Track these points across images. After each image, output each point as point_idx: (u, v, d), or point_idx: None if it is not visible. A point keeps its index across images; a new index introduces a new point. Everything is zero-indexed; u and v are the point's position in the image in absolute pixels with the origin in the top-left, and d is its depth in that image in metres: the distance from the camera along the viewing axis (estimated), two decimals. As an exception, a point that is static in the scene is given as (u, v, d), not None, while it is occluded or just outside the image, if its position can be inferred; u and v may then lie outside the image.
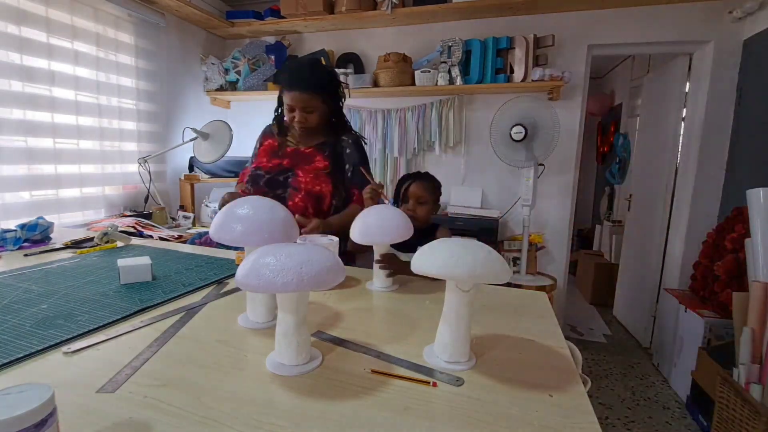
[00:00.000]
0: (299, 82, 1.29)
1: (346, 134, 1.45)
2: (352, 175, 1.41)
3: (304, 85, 1.29)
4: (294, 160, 1.38)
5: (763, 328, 1.42)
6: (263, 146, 1.45)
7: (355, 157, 1.42)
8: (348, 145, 1.42)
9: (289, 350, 0.63)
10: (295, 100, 1.30)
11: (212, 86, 2.84)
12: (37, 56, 1.83)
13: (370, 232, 0.97)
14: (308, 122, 1.33)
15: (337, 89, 1.38)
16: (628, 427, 1.94)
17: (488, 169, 2.65)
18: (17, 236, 1.31)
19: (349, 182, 1.41)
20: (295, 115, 1.32)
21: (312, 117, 1.33)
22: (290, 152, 1.40)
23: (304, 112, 1.31)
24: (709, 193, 2.34)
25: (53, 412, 0.41)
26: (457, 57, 2.39)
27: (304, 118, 1.32)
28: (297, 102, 1.30)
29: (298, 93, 1.29)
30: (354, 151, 1.42)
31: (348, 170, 1.41)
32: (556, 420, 0.53)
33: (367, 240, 0.98)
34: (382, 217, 0.98)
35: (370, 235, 0.97)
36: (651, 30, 2.30)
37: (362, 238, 0.98)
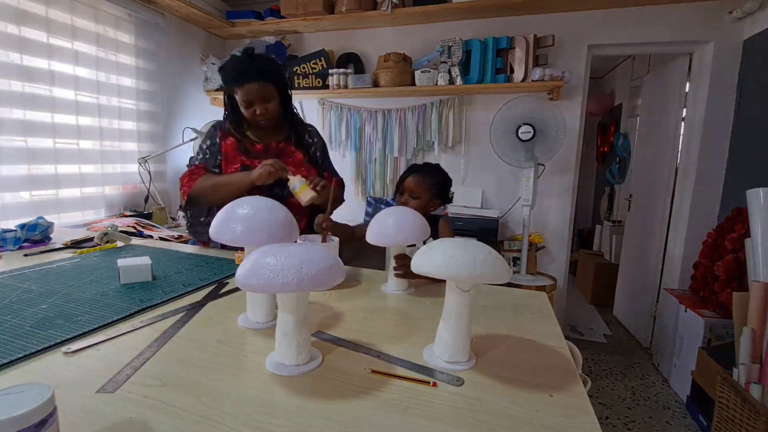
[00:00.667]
0: (248, 72, 1.26)
1: (303, 124, 1.48)
2: (322, 162, 1.48)
3: (255, 74, 1.26)
4: (276, 156, 1.36)
5: (763, 328, 1.42)
6: (227, 144, 1.38)
7: (320, 143, 1.48)
8: (312, 134, 1.48)
9: (289, 350, 0.63)
10: (251, 93, 1.27)
11: (212, 86, 2.84)
12: (37, 56, 1.83)
13: (385, 233, 0.96)
14: (269, 112, 1.31)
15: (283, 75, 1.36)
16: (628, 427, 1.94)
17: (488, 169, 2.65)
18: (17, 236, 1.31)
19: (322, 168, 1.47)
20: (255, 108, 1.29)
21: (271, 106, 1.31)
22: (263, 149, 1.37)
23: (263, 103, 1.29)
24: (709, 193, 2.34)
25: (53, 412, 0.41)
26: (457, 57, 2.39)
27: (264, 108, 1.29)
28: (254, 94, 1.27)
29: (253, 84, 1.26)
30: (319, 139, 1.49)
31: (317, 155, 1.46)
32: (556, 420, 0.53)
33: (383, 241, 0.96)
34: (398, 218, 0.97)
35: (385, 236, 0.96)
36: (651, 30, 2.30)
37: (378, 239, 0.96)
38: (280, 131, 1.42)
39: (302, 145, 1.43)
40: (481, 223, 2.45)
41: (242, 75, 1.27)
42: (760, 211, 1.56)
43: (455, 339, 0.66)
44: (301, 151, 1.42)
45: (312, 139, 1.46)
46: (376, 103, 2.77)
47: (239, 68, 1.28)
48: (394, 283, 1.03)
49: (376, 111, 2.76)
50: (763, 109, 2.02)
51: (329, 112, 2.87)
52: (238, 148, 1.37)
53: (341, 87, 2.60)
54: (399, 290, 1.02)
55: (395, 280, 1.02)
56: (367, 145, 2.82)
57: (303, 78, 2.74)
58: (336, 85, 2.61)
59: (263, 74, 1.27)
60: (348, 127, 2.83)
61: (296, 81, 2.75)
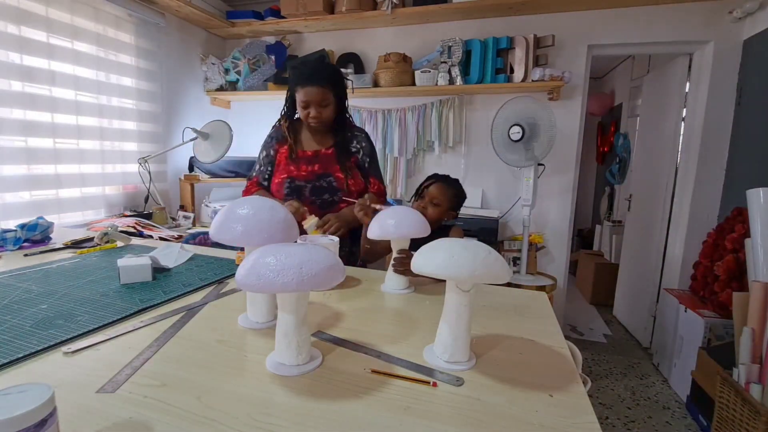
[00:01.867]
0: (314, 77, 1.31)
1: (353, 129, 1.49)
2: (368, 166, 1.48)
3: (319, 79, 1.31)
4: (324, 163, 1.41)
5: (763, 328, 1.42)
6: (281, 153, 1.45)
7: (368, 148, 1.48)
8: (362, 138, 1.48)
9: (289, 350, 0.63)
10: (311, 95, 1.32)
11: (212, 86, 2.84)
12: (37, 56, 1.83)
13: (386, 226, 0.98)
14: (323, 117, 1.35)
15: (344, 85, 1.41)
16: (628, 427, 1.94)
17: (488, 169, 2.65)
18: (17, 236, 1.31)
19: (367, 172, 1.48)
20: (310, 111, 1.34)
21: (326, 111, 1.35)
22: (312, 156, 1.42)
23: (319, 107, 1.33)
24: (709, 193, 2.34)
25: (53, 412, 0.41)
26: (457, 57, 2.39)
27: (319, 113, 1.33)
28: (313, 96, 1.32)
29: (314, 88, 1.31)
30: (368, 144, 1.49)
31: (365, 161, 1.47)
32: (556, 420, 0.53)
33: (385, 234, 0.98)
34: (398, 214, 1.00)
35: (386, 230, 0.98)
36: (651, 30, 2.30)
37: (380, 233, 0.99)
38: (329, 137, 1.45)
39: (348, 152, 1.45)
40: (481, 223, 2.45)
41: (309, 77, 1.31)
42: (760, 211, 1.56)
43: (455, 339, 0.66)
44: (348, 156, 1.44)
45: (360, 144, 1.47)
46: (376, 103, 2.77)
47: (308, 70, 1.33)
48: (393, 281, 1.03)
49: (376, 111, 2.76)
50: (763, 109, 2.02)
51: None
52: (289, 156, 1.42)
53: (341, 87, 2.59)
54: (398, 289, 1.02)
55: (394, 279, 1.03)
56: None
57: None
58: (336, 85, 2.60)
59: (327, 80, 1.32)
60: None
61: (296, 81, 2.75)
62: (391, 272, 1.03)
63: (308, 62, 1.36)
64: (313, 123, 1.36)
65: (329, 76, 1.33)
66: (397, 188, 2.81)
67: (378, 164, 1.54)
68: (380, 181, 1.51)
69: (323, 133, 1.44)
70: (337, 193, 1.40)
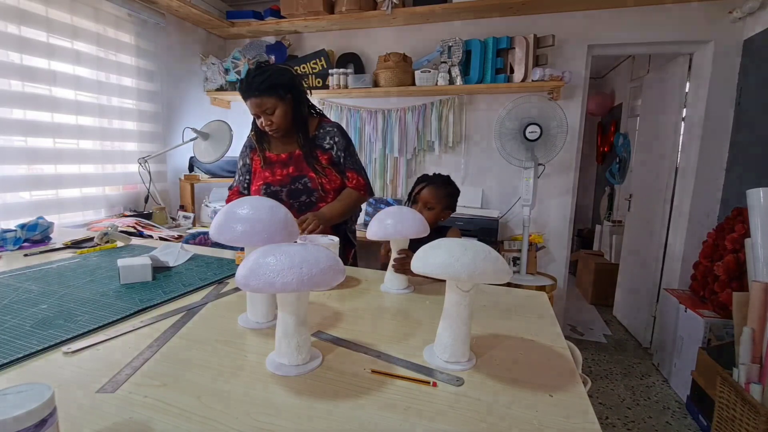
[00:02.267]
0: (249, 88, 1.32)
1: (324, 123, 1.48)
2: (344, 161, 1.46)
3: (253, 90, 1.32)
4: (297, 164, 1.42)
5: (763, 328, 1.42)
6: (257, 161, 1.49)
7: (342, 143, 1.46)
8: (334, 134, 1.46)
9: (289, 350, 0.63)
10: (253, 107, 1.34)
11: (212, 86, 2.84)
12: (37, 56, 1.83)
13: (385, 226, 0.98)
14: (274, 124, 1.36)
15: (289, 83, 1.37)
16: (628, 427, 1.94)
17: (488, 169, 2.65)
18: (17, 236, 1.31)
19: (343, 167, 1.46)
20: (261, 120, 1.37)
21: (275, 117, 1.35)
22: (286, 158, 1.44)
23: (266, 115, 1.35)
24: (709, 193, 2.34)
25: (53, 412, 0.41)
26: (457, 57, 2.39)
27: (269, 120, 1.35)
28: (255, 108, 1.34)
29: (252, 99, 1.33)
30: (341, 138, 1.46)
31: (339, 156, 1.45)
32: (556, 420, 0.53)
33: (384, 235, 0.98)
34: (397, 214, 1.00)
35: (385, 230, 0.98)
36: (651, 30, 2.30)
37: (379, 234, 0.99)
38: (296, 136, 1.44)
39: (319, 150, 1.44)
40: (481, 223, 2.45)
41: (245, 91, 1.34)
42: (760, 211, 1.56)
43: (455, 339, 0.66)
44: (321, 154, 1.43)
45: (333, 139, 1.45)
46: (376, 103, 2.77)
47: (243, 84, 1.35)
48: (393, 281, 1.03)
49: (376, 111, 2.76)
50: (763, 109, 2.02)
51: (329, 112, 2.87)
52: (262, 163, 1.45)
53: (341, 87, 2.60)
54: (398, 289, 1.02)
55: (394, 278, 1.03)
56: (367, 145, 2.82)
57: (303, 78, 2.74)
58: (336, 85, 2.61)
59: (261, 89, 1.31)
60: (348, 128, 2.83)
61: (296, 81, 2.75)
62: (391, 272, 1.03)
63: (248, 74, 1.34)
64: (269, 130, 1.37)
65: (261, 84, 1.31)
66: (398, 188, 2.81)
67: (356, 157, 1.50)
68: (359, 175, 1.48)
69: (290, 136, 1.44)
70: (313, 193, 1.41)
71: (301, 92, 1.42)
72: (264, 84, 1.31)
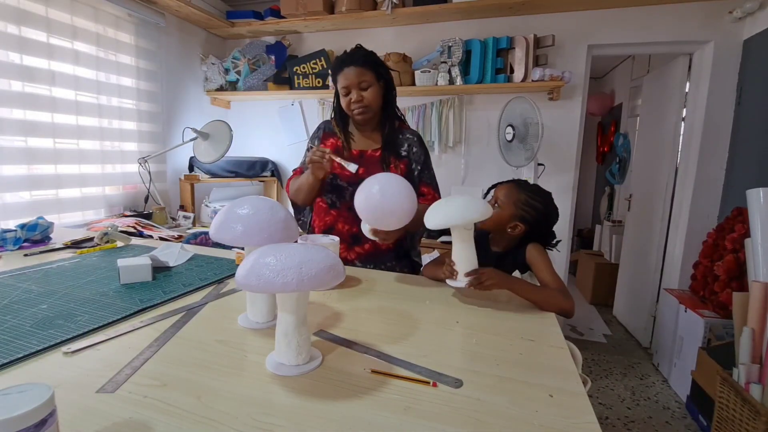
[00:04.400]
0: (348, 59, 1.28)
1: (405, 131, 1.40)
2: (420, 174, 1.36)
3: (354, 60, 1.27)
4: (368, 166, 1.31)
5: (763, 328, 1.42)
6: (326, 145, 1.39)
7: (420, 155, 1.36)
8: (413, 142, 1.37)
9: (289, 350, 0.63)
10: (348, 77, 1.26)
11: (212, 86, 2.84)
12: (37, 56, 1.83)
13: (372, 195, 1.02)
14: (365, 100, 1.27)
15: (386, 71, 1.33)
16: (628, 427, 1.94)
17: (488, 169, 2.64)
18: (17, 236, 1.31)
19: (418, 180, 1.36)
20: (351, 96, 1.28)
21: (368, 93, 1.27)
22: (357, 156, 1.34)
23: (359, 89, 1.27)
24: (709, 193, 2.34)
25: (53, 412, 0.41)
26: (457, 57, 2.38)
27: (359, 96, 1.27)
28: (351, 78, 1.26)
29: (349, 69, 1.26)
30: (420, 149, 1.37)
31: (415, 169, 1.36)
32: (556, 420, 0.53)
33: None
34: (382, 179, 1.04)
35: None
36: (651, 30, 2.30)
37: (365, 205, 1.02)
38: (377, 135, 1.36)
39: (396, 154, 1.34)
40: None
41: (343, 61, 1.28)
42: (760, 211, 1.56)
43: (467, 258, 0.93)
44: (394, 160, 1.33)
45: (411, 149, 1.35)
46: (376, 103, 2.76)
47: (343, 56, 1.29)
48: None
49: (376, 111, 2.75)
50: (763, 109, 2.02)
51: (329, 112, 2.86)
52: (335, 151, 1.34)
53: (341, 87, 2.59)
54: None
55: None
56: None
57: (303, 78, 2.74)
58: (336, 85, 2.61)
59: (362, 60, 1.27)
60: (348, 127, 2.83)
61: (296, 81, 2.75)
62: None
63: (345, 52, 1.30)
64: (357, 109, 1.28)
65: (363, 56, 1.28)
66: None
67: (432, 171, 1.39)
68: (435, 191, 1.36)
69: (370, 130, 1.36)
70: None
71: (393, 87, 1.36)
72: (366, 57, 1.28)
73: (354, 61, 1.26)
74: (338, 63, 1.30)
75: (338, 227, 1.32)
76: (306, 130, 2.96)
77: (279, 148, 3.04)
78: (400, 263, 1.35)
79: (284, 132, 3.01)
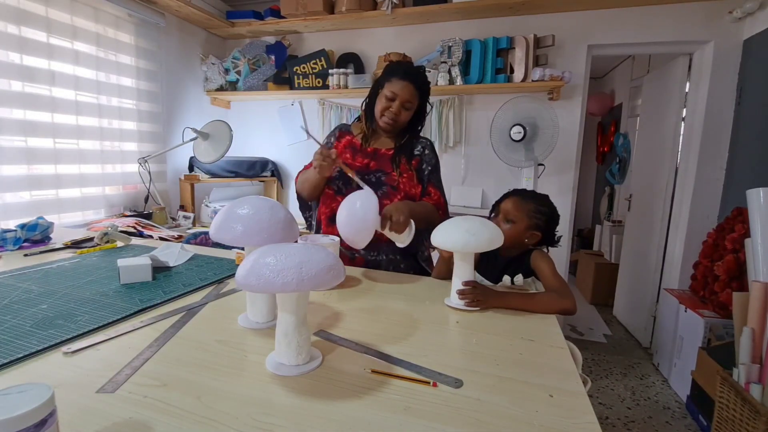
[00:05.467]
0: (413, 75, 1.30)
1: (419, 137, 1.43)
2: (429, 175, 1.39)
3: (416, 80, 1.29)
4: (379, 162, 1.34)
5: (763, 328, 1.42)
6: (339, 143, 1.41)
7: (432, 158, 1.40)
8: (426, 146, 1.40)
9: (289, 350, 0.63)
10: (402, 90, 1.28)
11: (212, 86, 2.84)
12: (37, 56, 1.83)
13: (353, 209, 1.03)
14: (401, 117, 1.31)
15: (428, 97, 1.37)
16: (628, 427, 1.94)
17: (488, 169, 2.64)
18: (17, 236, 1.31)
19: (426, 181, 1.38)
20: (392, 105, 1.29)
21: (405, 115, 1.31)
22: (370, 152, 1.37)
23: (403, 107, 1.29)
24: (709, 193, 2.34)
25: (53, 412, 0.41)
26: (457, 57, 2.39)
27: (399, 110, 1.29)
28: (403, 93, 1.28)
29: (409, 84, 1.28)
30: (431, 152, 1.41)
31: (425, 169, 1.38)
32: (556, 420, 0.53)
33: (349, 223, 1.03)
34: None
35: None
36: (651, 30, 2.30)
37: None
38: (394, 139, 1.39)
39: (409, 155, 1.36)
40: (481, 223, 2.44)
41: (407, 73, 1.29)
42: (760, 211, 1.56)
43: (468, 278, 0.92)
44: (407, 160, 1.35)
45: (424, 150, 1.39)
46: (376, 103, 2.76)
47: (406, 67, 1.32)
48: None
49: (376, 111, 2.75)
50: (763, 109, 2.02)
51: (329, 112, 2.87)
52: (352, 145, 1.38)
53: (341, 87, 2.60)
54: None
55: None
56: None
57: (303, 78, 2.74)
58: (336, 85, 2.61)
59: (421, 84, 1.30)
60: (348, 127, 2.83)
61: (296, 81, 2.75)
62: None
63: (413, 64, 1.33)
64: (388, 120, 1.31)
65: (425, 83, 1.32)
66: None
67: (440, 177, 1.42)
68: (442, 195, 1.38)
69: (390, 136, 1.39)
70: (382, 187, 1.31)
71: (425, 117, 1.40)
72: (425, 85, 1.32)
73: (415, 81, 1.29)
74: (399, 70, 1.31)
75: None
76: (306, 130, 2.96)
77: (279, 148, 3.04)
78: (407, 260, 1.35)
79: (284, 132, 3.02)
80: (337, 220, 1.09)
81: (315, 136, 2.88)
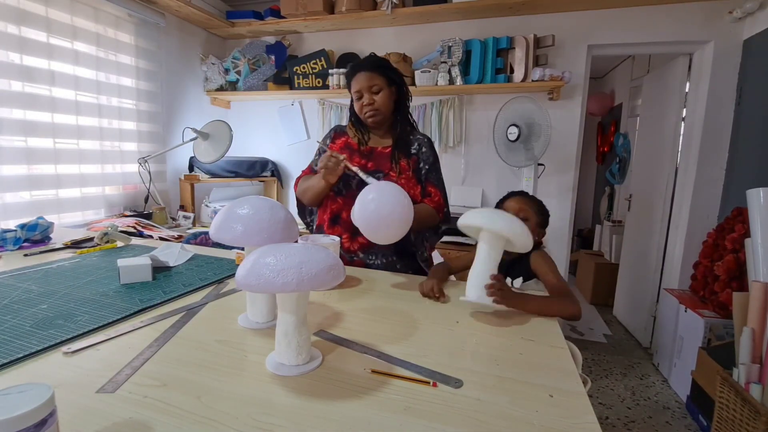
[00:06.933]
0: (361, 64, 1.32)
1: (416, 133, 1.43)
2: (427, 174, 1.37)
3: (365, 65, 1.31)
4: (377, 161, 1.34)
5: (763, 328, 1.42)
6: (334, 145, 1.42)
7: (429, 156, 1.38)
8: (423, 143, 1.39)
9: (289, 350, 0.63)
10: (360, 82, 1.30)
11: (212, 86, 2.84)
12: (37, 56, 1.83)
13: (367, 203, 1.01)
14: (376, 104, 1.31)
15: (399, 77, 1.37)
16: (628, 427, 1.94)
17: (488, 169, 2.65)
18: (17, 236, 1.31)
19: (425, 180, 1.37)
20: (363, 100, 1.31)
21: (379, 98, 1.31)
22: (367, 152, 1.37)
23: (370, 93, 1.30)
24: (709, 193, 2.34)
25: (53, 412, 0.41)
26: (457, 57, 2.39)
27: (371, 99, 1.30)
28: (362, 83, 1.30)
29: (362, 73, 1.30)
30: (429, 150, 1.39)
31: (423, 168, 1.37)
32: (556, 420, 0.53)
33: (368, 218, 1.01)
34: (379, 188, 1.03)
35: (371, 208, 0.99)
36: (651, 30, 2.30)
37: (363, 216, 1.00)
38: (389, 137, 1.39)
39: (407, 153, 1.35)
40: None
41: (354, 67, 1.33)
42: (760, 211, 1.56)
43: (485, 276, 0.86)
44: (405, 159, 1.34)
45: (421, 148, 1.37)
46: (376, 103, 2.76)
47: (355, 63, 1.35)
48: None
49: (376, 111, 2.75)
50: (763, 109, 2.02)
51: (329, 112, 2.87)
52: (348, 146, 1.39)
53: (341, 87, 2.60)
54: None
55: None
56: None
57: (303, 78, 2.74)
58: (336, 85, 2.61)
59: (373, 66, 1.31)
60: (348, 127, 2.83)
61: (296, 81, 2.75)
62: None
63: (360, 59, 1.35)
64: (368, 112, 1.31)
65: (375, 62, 1.33)
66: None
67: (441, 175, 1.40)
68: (441, 195, 1.36)
69: (383, 133, 1.39)
70: None
71: (406, 93, 1.40)
72: (377, 62, 1.32)
73: (365, 67, 1.31)
74: (351, 69, 1.34)
75: (344, 216, 1.32)
76: (306, 130, 2.97)
77: (279, 148, 3.04)
78: (403, 260, 1.34)
79: (284, 132, 3.02)
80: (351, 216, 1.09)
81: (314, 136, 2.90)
